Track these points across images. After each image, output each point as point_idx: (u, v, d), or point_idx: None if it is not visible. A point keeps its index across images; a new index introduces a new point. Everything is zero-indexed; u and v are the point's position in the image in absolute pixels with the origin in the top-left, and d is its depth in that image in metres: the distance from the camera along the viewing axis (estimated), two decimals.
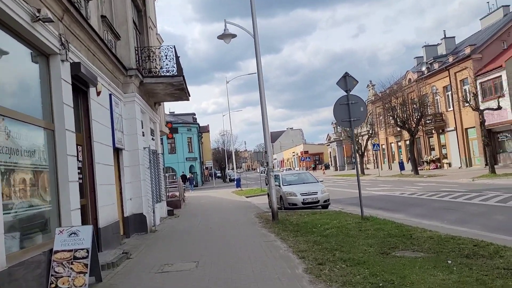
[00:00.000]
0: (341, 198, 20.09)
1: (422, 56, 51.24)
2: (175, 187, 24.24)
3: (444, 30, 44.90)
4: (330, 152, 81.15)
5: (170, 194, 23.46)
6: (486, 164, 32.73)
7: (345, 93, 11.24)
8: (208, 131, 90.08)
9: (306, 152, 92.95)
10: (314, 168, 77.04)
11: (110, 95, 10.51)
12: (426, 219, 11.51)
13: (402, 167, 38.93)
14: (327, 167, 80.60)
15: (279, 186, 17.46)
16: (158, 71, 13.39)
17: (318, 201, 16.37)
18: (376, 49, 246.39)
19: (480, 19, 41.19)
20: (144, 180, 12.45)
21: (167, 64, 13.41)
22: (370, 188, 25.33)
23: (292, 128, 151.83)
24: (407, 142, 46.81)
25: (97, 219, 8.59)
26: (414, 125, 33.97)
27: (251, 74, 62.92)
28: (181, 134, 60.55)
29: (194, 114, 71.93)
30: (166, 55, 13.52)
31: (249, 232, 11.14)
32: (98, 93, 9.27)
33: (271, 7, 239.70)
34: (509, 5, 38.21)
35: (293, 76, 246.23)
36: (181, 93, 14.98)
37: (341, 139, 72.35)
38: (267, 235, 10.27)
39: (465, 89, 35.36)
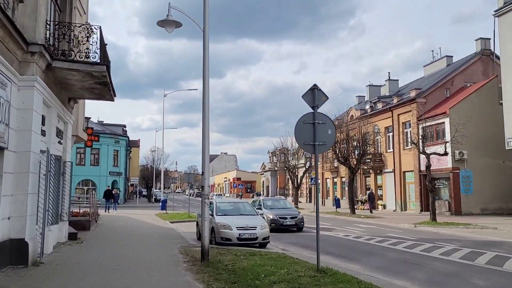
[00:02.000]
0: (280, 235, 17.71)
1: (364, 96, 51.74)
2: (87, 203, 20.49)
3: (389, 72, 45.29)
4: (263, 181, 79.57)
5: (79, 212, 19.77)
6: (422, 210, 32.36)
7: (311, 110, 8.97)
8: (138, 146, 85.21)
9: (238, 178, 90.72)
10: (241, 197, 74.67)
11: None
12: (391, 276, 9.34)
13: (338, 204, 37.66)
14: (258, 195, 78.55)
15: (212, 215, 14.73)
16: (75, 55, 10.34)
17: (257, 238, 13.82)
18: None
19: (424, 66, 42.03)
20: (33, 194, 9.19)
21: (87, 48, 10.43)
22: (308, 225, 23.26)
23: (227, 153, 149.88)
24: (343, 179, 46.31)
25: None
26: (355, 163, 32.89)
27: (192, 90, 59.96)
28: (107, 145, 55.74)
29: (125, 126, 67.16)
30: (87, 37, 10.55)
31: (168, 279, 8.27)
32: None
33: (220, 33, 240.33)
34: (452, 56, 39.29)
35: (234, 102, 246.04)
36: (104, 90, 11.97)
37: (276, 169, 71.18)
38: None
39: (406, 132, 35.22)
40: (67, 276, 8.38)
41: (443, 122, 30.32)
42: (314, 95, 8.92)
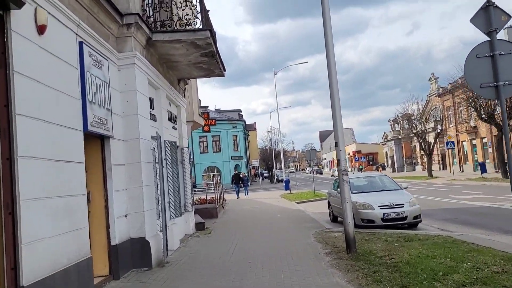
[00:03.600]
0: (426, 210, 14.97)
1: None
2: (211, 189, 19.88)
3: None
4: (386, 152, 74.70)
5: (206, 199, 19.28)
6: None
7: (487, 38, 6.34)
8: (255, 129, 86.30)
9: (359, 151, 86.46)
10: (361, 170, 70.72)
11: (81, 44, 6.26)
12: None
13: (483, 169, 32.69)
14: (383, 167, 74.05)
15: None
16: (175, 24, 9.03)
17: (406, 217, 11.43)
18: (430, 46, 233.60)
19: None
20: (148, 186, 8.14)
21: (187, 15, 9.02)
22: (456, 196, 19.90)
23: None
24: (484, 140, 40.42)
25: (16, 268, 4.30)
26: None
27: (302, 64, 57.58)
28: (226, 131, 56.82)
29: (240, 111, 68.00)
30: (185, 1, 9.15)
31: (313, 282, 6.51)
32: (41, 28, 5.02)
33: (321, 7, 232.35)
34: None
35: (344, 75, 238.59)
36: (212, 63, 10.59)
37: (400, 137, 66.00)
38: None
39: None
40: (195, 278, 7.12)
41: None
42: (490, 15, 6.27)
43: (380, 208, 11.52)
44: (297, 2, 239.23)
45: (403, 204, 11.58)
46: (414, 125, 43.11)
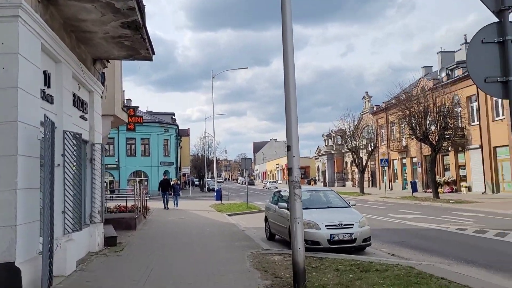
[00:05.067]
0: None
1: (431, 66, 45.98)
2: (131, 195, 17.28)
3: (465, 35, 39.00)
4: (318, 166, 75.19)
5: (126, 206, 16.75)
6: None
7: (496, 19, 4.89)
8: (188, 135, 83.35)
9: None
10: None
11: None
12: None
13: (415, 188, 32.87)
14: (315, 182, 74.45)
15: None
16: None
17: (355, 239, 9.90)
18: (362, 69, 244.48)
19: None
20: (28, 189, 5.80)
21: None
22: (394, 215, 19.06)
23: (276, 139, 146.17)
24: (414, 160, 41.23)
25: None
26: (436, 139, 27.99)
27: (241, 69, 56.07)
28: (157, 134, 53.66)
29: (173, 114, 64.99)
30: None
31: None
32: None
33: (264, 21, 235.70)
34: None
35: (281, 89, 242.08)
36: (136, 39, 8.43)
37: (333, 152, 66.62)
38: None
39: (496, 100, 29.74)
40: None
41: None
42: None
43: (327, 228, 9.90)
44: (238, 13, 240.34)
45: (353, 225, 10.06)
46: (348, 141, 43.10)
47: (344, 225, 9.98)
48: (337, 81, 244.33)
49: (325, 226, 9.93)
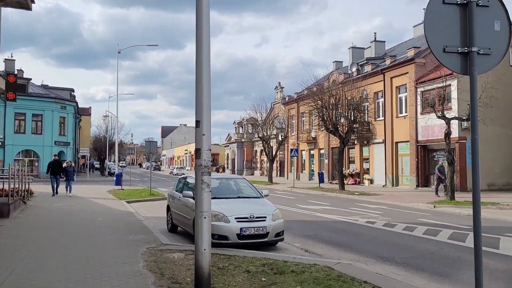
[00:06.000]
0: None
1: (342, 61, 47.28)
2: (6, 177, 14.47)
3: (375, 33, 40.56)
4: (228, 153, 74.61)
5: (2, 189, 14.10)
6: (418, 185, 28.55)
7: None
8: (90, 114, 77.37)
9: None
10: None
11: None
12: None
13: (321, 179, 33.33)
14: (223, 169, 73.68)
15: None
16: None
17: (267, 234, 8.82)
18: (275, 61, 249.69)
19: (414, 26, 37.73)
20: None
21: None
22: (303, 206, 18.62)
23: (186, 125, 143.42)
24: (322, 151, 42.06)
25: None
26: (345, 131, 28.41)
27: (151, 46, 53.41)
28: (51, 111, 48.49)
29: (73, 90, 59.51)
30: None
31: None
32: None
33: (179, 2, 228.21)
34: None
35: (193, 74, 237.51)
36: None
37: (243, 141, 66.27)
38: None
39: (401, 97, 31.05)
40: None
41: (449, 85, 26.16)
42: None
43: (237, 221, 8.70)
44: None
45: (265, 217, 8.97)
46: (259, 130, 42.75)
47: (256, 217, 8.87)
48: (250, 71, 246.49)
49: (235, 218, 8.73)
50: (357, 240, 10.45)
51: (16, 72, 42.19)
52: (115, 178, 31.10)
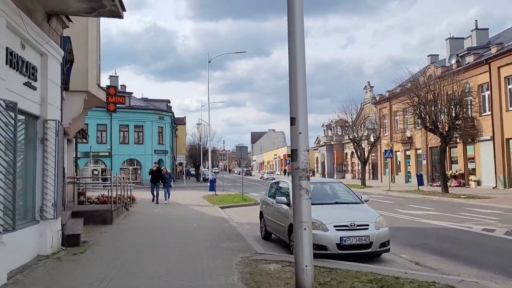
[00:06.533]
0: None
1: (438, 54, 43.92)
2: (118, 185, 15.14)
3: (476, 20, 36.96)
4: (317, 157, 73.30)
5: (109, 197, 14.83)
6: None
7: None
8: (185, 124, 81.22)
9: (289, 155, 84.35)
10: (287, 174, 68.91)
11: None
12: None
13: (421, 181, 30.99)
14: (313, 173, 72.57)
15: (288, 205, 9.11)
16: None
17: (371, 244, 7.99)
18: (362, 61, 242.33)
19: None
20: None
21: None
22: (404, 210, 17.20)
23: (275, 130, 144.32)
24: (419, 152, 39.31)
25: None
26: (447, 129, 26.03)
27: (239, 53, 54.60)
28: (151, 122, 51.63)
29: (169, 101, 62.74)
30: None
31: None
32: None
33: (264, 11, 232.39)
34: None
35: (280, 80, 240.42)
36: None
37: (332, 143, 64.70)
38: None
39: (510, 89, 27.78)
40: None
41: None
42: None
43: (336, 230, 7.98)
44: (239, 3, 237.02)
45: (368, 225, 8.14)
46: (350, 131, 41.19)
47: (357, 225, 8.07)
48: (336, 73, 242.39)
49: (334, 226, 8.01)
50: (476, 251, 9.12)
51: (119, 88, 45.68)
52: (209, 184, 31.81)
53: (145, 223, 13.49)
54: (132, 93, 53.04)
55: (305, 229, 4.39)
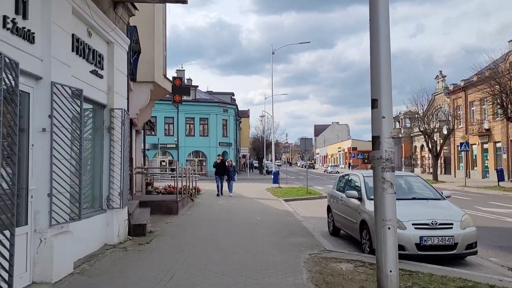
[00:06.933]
0: None
1: None
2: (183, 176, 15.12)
3: None
4: None
5: (175, 187, 14.96)
6: None
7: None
8: (248, 116, 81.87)
9: (354, 148, 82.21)
10: (352, 168, 66.83)
11: None
12: None
13: (502, 177, 28.57)
14: None
15: (360, 199, 8.47)
16: None
17: (455, 245, 7.14)
18: (432, 50, 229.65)
19: None
20: None
21: None
22: (484, 208, 15.78)
23: (338, 122, 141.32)
24: (498, 145, 36.35)
25: None
26: None
27: (304, 43, 53.38)
28: (215, 114, 52.28)
29: (233, 94, 63.23)
30: None
31: None
32: None
33: (328, 2, 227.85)
34: None
35: (344, 72, 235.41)
36: None
37: (400, 136, 61.89)
38: None
39: None
40: None
41: None
42: None
43: (415, 228, 7.22)
44: None
45: (452, 224, 7.29)
46: (421, 122, 38.94)
47: (440, 224, 7.25)
48: (404, 63, 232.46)
49: (412, 224, 7.26)
50: None
51: (185, 81, 46.73)
52: (272, 176, 31.53)
53: (209, 214, 13.38)
54: (197, 86, 54.06)
55: (389, 228, 3.80)
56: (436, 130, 39.93)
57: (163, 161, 49.94)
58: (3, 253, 4.05)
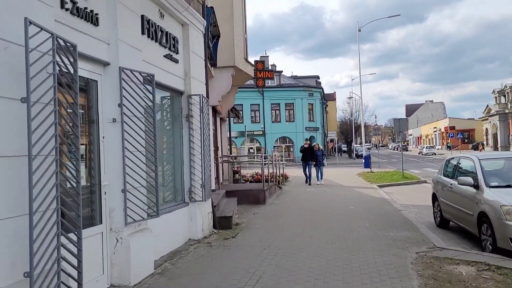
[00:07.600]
0: None
1: None
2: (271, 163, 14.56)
3: None
4: (487, 128, 64.41)
5: (260, 175, 14.47)
6: None
7: None
8: (335, 99, 79.68)
9: (452, 127, 76.07)
10: (450, 148, 61.41)
11: None
12: None
13: None
14: (482, 146, 63.99)
15: (476, 186, 7.12)
16: None
17: None
18: None
19: None
20: (13, 157, 3.30)
21: None
22: None
23: (433, 101, 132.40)
24: None
25: None
26: None
27: (393, 17, 50.35)
28: (301, 99, 51.25)
29: (318, 77, 61.58)
30: None
31: None
32: None
33: None
34: None
35: (437, 47, 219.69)
36: None
37: (507, 112, 55.83)
38: None
39: None
40: None
41: None
42: None
43: None
44: None
45: None
46: None
47: None
48: (507, 32, 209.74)
49: None
50: None
51: (269, 67, 46.37)
52: (363, 161, 29.92)
53: (298, 204, 12.61)
54: (281, 71, 53.37)
55: None
56: None
57: (251, 148, 50.25)
58: (70, 260, 3.63)
